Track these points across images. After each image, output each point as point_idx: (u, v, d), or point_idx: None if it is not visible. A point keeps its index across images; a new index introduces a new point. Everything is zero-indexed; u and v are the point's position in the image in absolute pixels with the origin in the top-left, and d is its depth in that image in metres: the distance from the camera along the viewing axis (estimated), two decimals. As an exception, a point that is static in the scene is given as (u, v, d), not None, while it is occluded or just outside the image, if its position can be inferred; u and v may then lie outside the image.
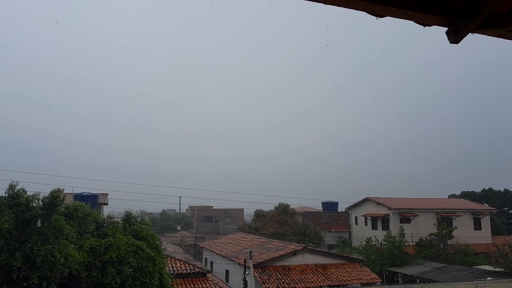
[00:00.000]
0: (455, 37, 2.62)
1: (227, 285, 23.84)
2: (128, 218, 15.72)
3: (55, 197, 13.59)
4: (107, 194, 37.64)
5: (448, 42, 2.75)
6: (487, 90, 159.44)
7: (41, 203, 13.40)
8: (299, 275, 23.60)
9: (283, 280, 22.77)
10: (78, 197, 31.16)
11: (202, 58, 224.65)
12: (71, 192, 32.85)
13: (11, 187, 13.21)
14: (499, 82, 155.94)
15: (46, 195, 13.71)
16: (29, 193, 13.44)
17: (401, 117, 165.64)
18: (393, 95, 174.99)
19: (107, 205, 37.00)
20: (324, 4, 2.38)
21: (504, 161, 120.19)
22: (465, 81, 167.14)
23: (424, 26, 2.70)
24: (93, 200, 31.77)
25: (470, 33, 2.61)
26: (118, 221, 15.77)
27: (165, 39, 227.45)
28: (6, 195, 13.17)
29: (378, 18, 2.56)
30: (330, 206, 54.88)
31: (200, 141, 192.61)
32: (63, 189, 14.65)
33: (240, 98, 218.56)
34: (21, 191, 13.22)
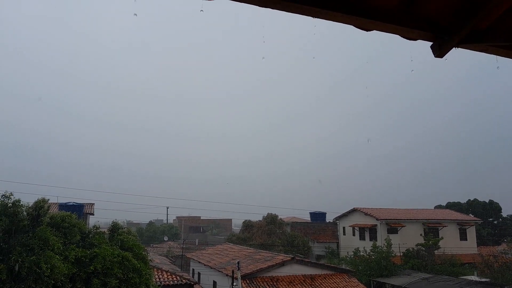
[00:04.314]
0: (439, 51, 2.70)
1: (214, 296, 23.59)
2: (114, 228, 15.51)
3: (40, 207, 13.37)
4: (93, 204, 37.13)
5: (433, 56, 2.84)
6: (473, 100, 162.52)
7: (25, 213, 13.17)
8: (287, 286, 23.50)
9: (271, 291, 22.64)
10: (64, 206, 30.65)
11: (199, 60, 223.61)
12: (56, 202, 32.29)
13: (5, 196, 12.99)
14: (483, 92, 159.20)
15: (30, 205, 13.47)
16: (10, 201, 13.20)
17: (387, 127, 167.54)
18: (379, 105, 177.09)
19: (93, 215, 36.48)
20: (312, 18, 2.44)
21: (489, 172, 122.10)
22: (449, 90, 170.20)
23: (410, 40, 2.77)
24: (79, 210, 31.29)
25: (454, 48, 2.69)
26: (104, 232, 15.55)
27: (157, 39, 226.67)
28: None
29: (365, 31, 2.63)
30: (318, 217, 54.97)
31: (188, 148, 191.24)
32: (48, 199, 14.42)
33: (229, 103, 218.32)
34: (16, 201, 13.00)
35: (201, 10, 2.34)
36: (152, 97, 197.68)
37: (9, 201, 13.02)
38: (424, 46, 2.83)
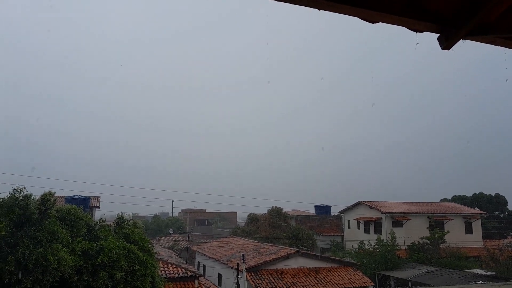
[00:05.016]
0: (446, 43, 2.66)
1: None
2: (120, 221, 15.60)
3: (46, 200, 13.48)
4: (99, 197, 37.38)
5: (440, 48, 2.80)
6: (477, 93, 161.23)
7: (32, 207, 13.28)
8: (291, 278, 23.59)
9: (275, 284, 22.75)
10: (70, 199, 30.88)
11: (201, 55, 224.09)
12: (63, 194, 32.55)
13: (16, 190, 13.11)
14: (489, 84, 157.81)
15: (37, 198, 13.58)
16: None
17: (393, 120, 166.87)
18: (383, 98, 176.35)
19: (99, 208, 36.77)
20: (318, 10, 2.41)
21: (494, 165, 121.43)
22: (455, 83, 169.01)
23: (416, 32, 2.74)
24: (85, 203, 31.53)
25: (461, 40, 2.65)
26: (110, 225, 15.65)
27: (158, 35, 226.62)
28: (8, 197, 13.05)
29: (370, 23, 2.59)
30: (323, 210, 55.00)
31: (193, 141, 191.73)
32: (54, 192, 14.54)
33: (233, 97, 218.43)
34: (28, 196, 13.11)
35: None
36: (157, 93, 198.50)
37: (20, 194, 13.14)
38: (428, 40, 2.80)
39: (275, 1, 2.31)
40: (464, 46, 2.71)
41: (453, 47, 2.74)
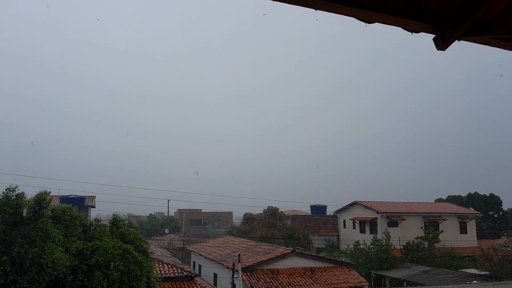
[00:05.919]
0: (442, 44, 2.67)
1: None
2: (115, 221, 15.54)
3: (42, 199, 13.40)
4: (95, 196, 37.26)
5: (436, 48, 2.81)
6: (477, 98, 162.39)
7: (26, 206, 13.20)
8: (287, 278, 23.62)
9: (271, 284, 22.77)
10: (65, 199, 30.73)
11: (196, 59, 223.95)
12: (58, 194, 32.40)
13: (9, 190, 13.04)
14: (488, 90, 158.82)
15: (31, 197, 13.51)
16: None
17: (390, 124, 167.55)
18: (383, 103, 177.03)
19: (94, 207, 36.67)
20: (315, 10, 2.41)
21: (489, 166, 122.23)
22: (455, 89, 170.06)
23: (412, 33, 2.75)
24: (80, 203, 31.41)
25: (456, 40, 2.66)
26: (105, 224, 15.58)
27: (161, 40, 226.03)
28: (1, 197, 12.98)
29: (366, 24, 2.60)
30: (318, 210, 55.12)
31: (190, 143, 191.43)
32: (50, 192, 14.45)
33: (233, 100, 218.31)
34: (20, 195, 13.04)
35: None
36: (155, 101, 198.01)
37: (13, 193, 13.07)
38: (431, 45, 2.79)
39: (274, 1, 2.31)
40: (466, 53, 2.72)
41: (454, 52, 2.76)
